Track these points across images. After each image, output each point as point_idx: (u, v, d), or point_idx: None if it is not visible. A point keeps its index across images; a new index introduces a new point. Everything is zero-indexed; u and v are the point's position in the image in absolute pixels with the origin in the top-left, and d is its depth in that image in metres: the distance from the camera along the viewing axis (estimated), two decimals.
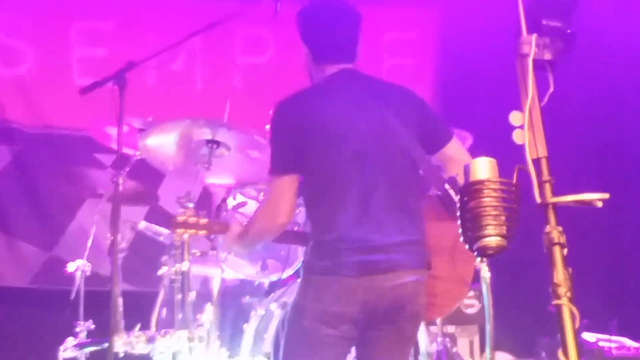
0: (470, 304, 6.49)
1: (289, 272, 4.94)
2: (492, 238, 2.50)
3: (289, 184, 3.59)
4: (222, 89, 8.16)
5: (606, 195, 2.65)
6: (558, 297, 2.40)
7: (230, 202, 4.94)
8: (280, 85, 8.04)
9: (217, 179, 5.06)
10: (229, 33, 7.94)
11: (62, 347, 5.04)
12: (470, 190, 2.54)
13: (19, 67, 7.87)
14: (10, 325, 7.18)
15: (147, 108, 5.60)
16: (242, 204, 4.98)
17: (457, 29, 8.50)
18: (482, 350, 6.45)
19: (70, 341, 5.07)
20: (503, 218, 2.49)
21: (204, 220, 4.06)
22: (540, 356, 6.55)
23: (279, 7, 5.28)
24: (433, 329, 5.00)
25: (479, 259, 4.91)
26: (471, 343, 6.52)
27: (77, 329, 5.23)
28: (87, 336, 5.23)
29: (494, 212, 2.49)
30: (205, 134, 4.68)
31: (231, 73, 8.29)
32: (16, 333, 7.12)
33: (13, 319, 7.24)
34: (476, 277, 6.27)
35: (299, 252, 4.90)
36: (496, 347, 4.93)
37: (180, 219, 4.06)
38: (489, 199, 2.50)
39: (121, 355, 4.42)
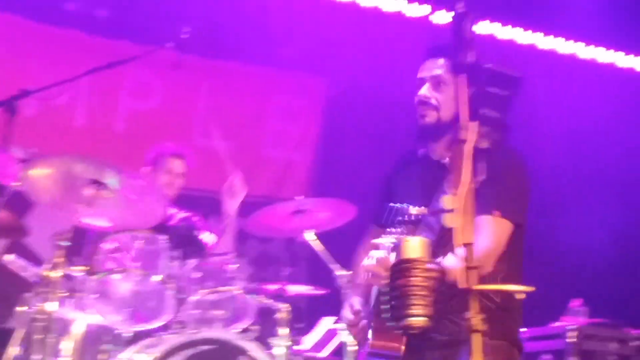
0: None
1: (157, 324, 4.84)
2: (418, 318, 2.51)
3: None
4: (104, 129, 8.06)
5: (529, 289, 2.71)
6: None
7: (105, 246, 4.83)
8: (162, 132, 8.00)
9: (93, 220, 4.92)
10: (117, 74, 7.83)
11: None
12: (400, 268, 2.56)
13: None
14: None
15: (25, 138, 5.45)
16: (117, 250, 4.88)
17: (343, 97, 8.64)
18: None
19: None
20: (430, 299, 2.51)
21: None
22: None
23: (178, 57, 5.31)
24: None
25: (345, 332, 4.97)
26: None
27: None
28: None
29: (421, 292, 2.51)
30: (92, 173, 4.56)
31: (114, 114, 8.18)
32: None
33: None
34: (339, 350, 6.31)
35: (170, 305, 4.82)
36: None
37: None
38: (418, 279, 2.52)
39: None
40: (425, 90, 3.65)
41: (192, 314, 5.04)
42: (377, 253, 3.03)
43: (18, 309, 4.80)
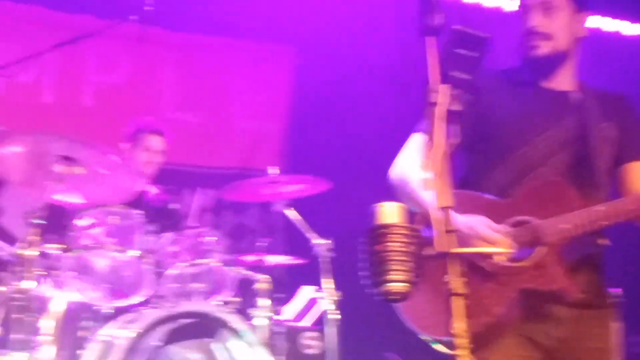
0: (310, 344, 6.47)
1: (136, 299, 4.81)
2: (397, 284, 2.48)
3: None
4: (72, 104, 7.98)
5: (510, 250, 2.68)
6: (458, 348, 2.38)
7: (80, 223, 4.78)
8: (131, 106, 7.93)
9: (66, 196, 4.87)
10: (83, 49, 7.74)
11: None
12: (377, 233, 2.53)
13: None
14: None
15: None
16: (92, 226, 4.83)
17: (311, 65, 8.58)
18: None
19: None
20: (409, 264, 2.49)
21: None
22: None
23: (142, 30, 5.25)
24: None
25: (326, 300, 4.96)
26: None
27: None
28: None
29: (399, 257, 2.48)
30: (61, 149, 4.50)
31: (81, 90, 8.09)
32: None
33: None
34: (320, 319, 6.31)
35: (147, 280, 4.79)
36: None
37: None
38: (395, 244, 2.49)
39: None
40: (534, 20, 3.39)
41: (171, 288, 5.02)
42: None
43: None
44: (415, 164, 3.35)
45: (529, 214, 3.17)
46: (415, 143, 3.45)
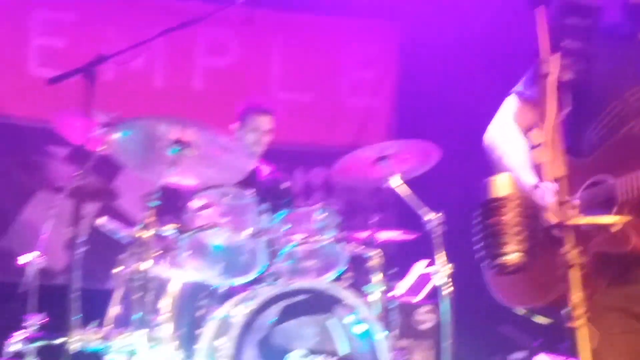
0: (424, 320, 6.48)
1: (251, 277, 4.88)
2: (513, 255, 2.47)
3: None
4: (182, 88, 8.11)
5: (624, 219, 2.61)
6: (576, 318, 2.36)
7: (194, 204, 4.86)
8: (240, 88, 8.02)
9: (180, 179, 4.96)
10: (191, 34, 7.86)
11: (10, 341, 4.91)
12: (491, 207, 2.52)
13: None
14: None
15: (106, 103, 5.49)
16: (206, 207, 4.91)
17: (416, 41, 8.53)
18: None
19: (19, 335, 4.94)
20: (524, 235, 2.47)
21: None
22: None
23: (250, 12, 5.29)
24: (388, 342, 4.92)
25: (439, 275, 4.95)
26: (425, 358, 6.49)
27: (26, 323, 5.09)
28: (38, 330, 5.10)
29: (514, 229, 2.47)
30: (174, 132, 4.59)
31: (191, 73, 8.23)
32: None
33: None
34: (433, 293, 6.29)
35: (262, 258, 4.85)
36: None
37: None
38: (510, 216, 2.48)
39: (74, 351, 4.29)
40: None
41: (284, 266, 5.07)
42: None
43: (115, 270, 4.88)
44: (508, 129, 3.30)
45: (609, 172, 2.99)
46: (509, 106, 3.40)
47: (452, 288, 4.91)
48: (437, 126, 7.83)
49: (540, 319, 3.03)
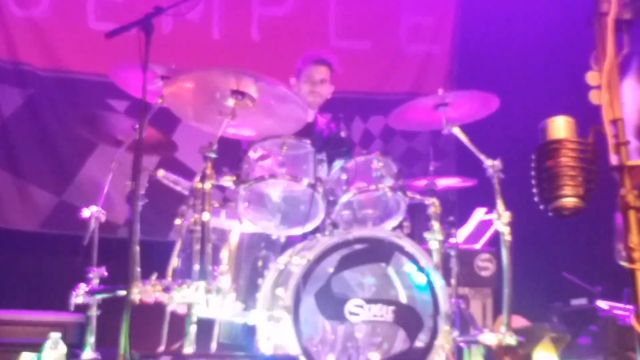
0: (484, 267, 6.47)
1: (310, 227, 4.89)
2: (570, 199, 2.45)
3: None
4: (239, 40, 8.12)
5: None
6: (633, 261, 2.33)
7: (252, 155, 4.87)
8: (297, 37, 8.00)
9: (238, 130, 4.98)
10: None
11: (74, 293, 5.00)
12: (548, 149, 2.49)
13: (34, 8, 7.80)
14: (21, 269, 7.16)
15: (164, 56, 5.52)
16: (264, 157, 4.92)
17: None
18: (495, 313, 6.44)
19: (83, 287, 5.03)
20: (580, 178, 2.44)
21: None
22: (551, 321, 6.54)
23: None
24: (447, 290, 4.92)
25: (499, 222, 4.91)
26: (484, 306, 6.49)
27: (90, 276, 5.18)
28: (100, 283, 5.18)
29: (571, 173, 2.44)
30: (231, 83, 4.59)
31: (248, 24, 8.23)
32: (27, 277, 7.11)
33: (23, 263, 7.22)
34: (492, 240, 6.27)
35: (320, 208, 4.85)
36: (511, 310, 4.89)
37: None
38: (567, 159, 2.45)
39: (136, 303, 4.35)
40: None
41: (343, 215, 5.07)
42: None
43: (176, 222, 4.92)
44: None
45: None
46: None
47: (510, 236, 4.86)
48: (496, 71, 7.75)
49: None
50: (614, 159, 2.40)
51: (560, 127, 2.52)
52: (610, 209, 2.65)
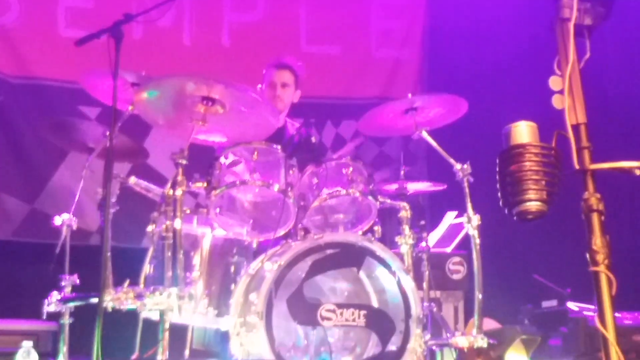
0: (455, 270, 6.51)
1: (281, 232, 4.91)
2: (533, 203, 2.49)
3: None
4: (210, 46, 8.13)
5: None
6: (596, 263, 2.38)
7: (223, 161, 4.89)
8: (268, 43, 8.02)
9: (209, 136, 5.00)
10: None
11: (46, 301, 4.99)
12: (511, 154, 2.52)
13: (3, 16, 7.78)
14: None
15: (134, 62, 5.53)
16: (235, 163, 4.94)
17: None
18: (467, 315, 6.48)
19: (55, 295, 5.03)
20: (544, 183, 2.48)
21: None
22: (522, 323, 6.59)
23: None
24: (419, 293, 4.96)
25: (469, 225, 4.95)
26: (456, 309, 6.53)
27: (62, 283, 5.18)
28: (72, 291, 5.18)
29: (535, 177, 2.48)
30: (202, 90, 4.61)
31: (219, 30, 8.24)
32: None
33: None
34: (463, 243, 6.31)
35: (291, 213, 4.88)
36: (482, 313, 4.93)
37: None
38: (530, 163, 2.49)
39: (109, 310, 4.35)
40: None
41: (314, 220, 5.10)
42: None
43: (148, 228, 4.93)
44: None
45: None
46: None
47: (480, 239, 4.90)
48: (465, 77, 7.81)
49: None
50: (576, 163, 2.44)
51: (523, 132, 2.56)
52: (578, 211, 2.71)
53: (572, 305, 6.29)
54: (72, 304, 5.07)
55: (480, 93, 6.86)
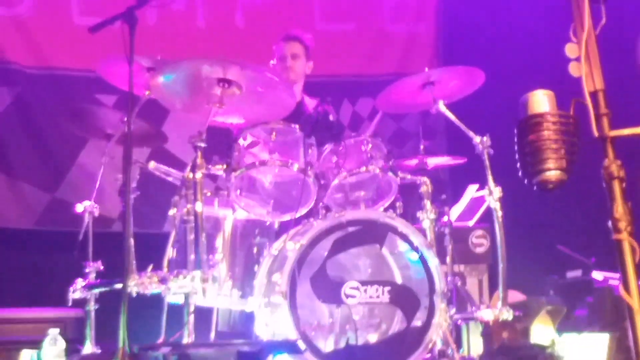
0: (479, 243, 6.49)
1: (302, 211, 4.90)
2: (553, 172, 2.46)
3: None
4: (225, 27, 8.11)
5: None
6: (618, 231, 2.36)
7: (242, 142, 4.88)
8: (282, 23, 7.99)
9: (227, 118, 5.00)
10: None
11: (71, 289, 5.03)
12: (530, 123, 2.50)
13: (18, 6, 7.78)
14: (18, 267, 7.17)
15: (149, 47, 5.53)
16: (253, 144, 4.93)
17: None
18: (491, 289, 6.45)
19: (80, 282, 5.06)
20: (563, 151, 2.45)
21: None
22: (547, 294, 6.56)
23: None
24: (442, 268, 4.94)
25: (491, 198, 4.92)
26: (480, 282, 6.52)
27: (86, 270, 5.21)
28: (96, 277, 5.21)
29: (554, 146, 2.45)
30: (217, 72, 4.60)
31: (233, 11, 8.22)
32: (24, 275, 7.13)
33: (20, 260, 7.23)
34: (485, 216, 6.28)
35: (312, 192, 4.87)
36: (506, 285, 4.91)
37: None
38: (549, 132, 2.46)
39: (133, 295, 4.37)
40: None
41: (335, 198, 5.10)
42: None
43: (169, 213, 4.94)
44: None
45: None
46: None
47: (502, 211, 4.87)
48: (481, 48, 7.76)
49: None
50: (595, 130, 2.41)
51: (540, 100, 2.53)
52: (600, 179, 2.69)
53: (597, 275, 6.26)
54: (96, 291, 5.10)
55: (496, 63, 6.79)
